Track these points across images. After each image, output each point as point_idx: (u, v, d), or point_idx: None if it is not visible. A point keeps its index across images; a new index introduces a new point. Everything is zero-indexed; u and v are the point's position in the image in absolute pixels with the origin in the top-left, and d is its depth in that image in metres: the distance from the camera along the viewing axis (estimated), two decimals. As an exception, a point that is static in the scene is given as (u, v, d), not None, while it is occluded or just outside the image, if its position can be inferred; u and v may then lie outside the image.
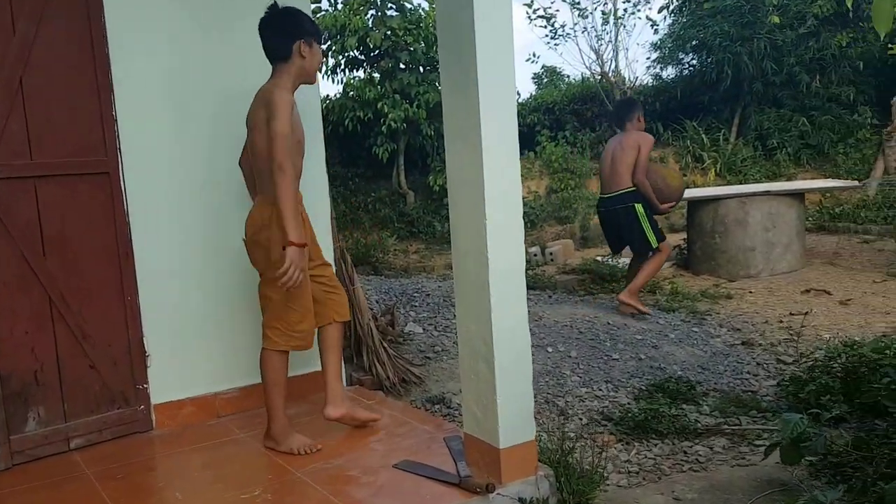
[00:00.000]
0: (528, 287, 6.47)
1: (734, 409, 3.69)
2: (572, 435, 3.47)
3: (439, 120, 3.31)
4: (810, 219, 8.64)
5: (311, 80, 2.98)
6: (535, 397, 3.94)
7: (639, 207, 5.48)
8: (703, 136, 11.48)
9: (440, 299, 5.76)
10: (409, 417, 3.24)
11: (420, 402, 3.91)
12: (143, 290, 3.22)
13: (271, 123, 2.66)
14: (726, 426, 3.50)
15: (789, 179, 10.36)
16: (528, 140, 12.12)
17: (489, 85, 2.39)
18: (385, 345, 4.05)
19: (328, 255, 3.47)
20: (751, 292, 6.29)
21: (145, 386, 3.23)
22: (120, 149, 3.14)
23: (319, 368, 3.13)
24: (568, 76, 16.47)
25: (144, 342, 3.22)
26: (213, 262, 3.39)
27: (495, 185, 2.44)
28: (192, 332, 3.34)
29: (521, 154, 12.06)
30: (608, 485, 2.84)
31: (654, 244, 5.53)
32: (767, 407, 3.69)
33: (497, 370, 2.50)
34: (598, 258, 7.71)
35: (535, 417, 3.69)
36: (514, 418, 2.54)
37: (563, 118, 12.47)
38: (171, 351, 3.29)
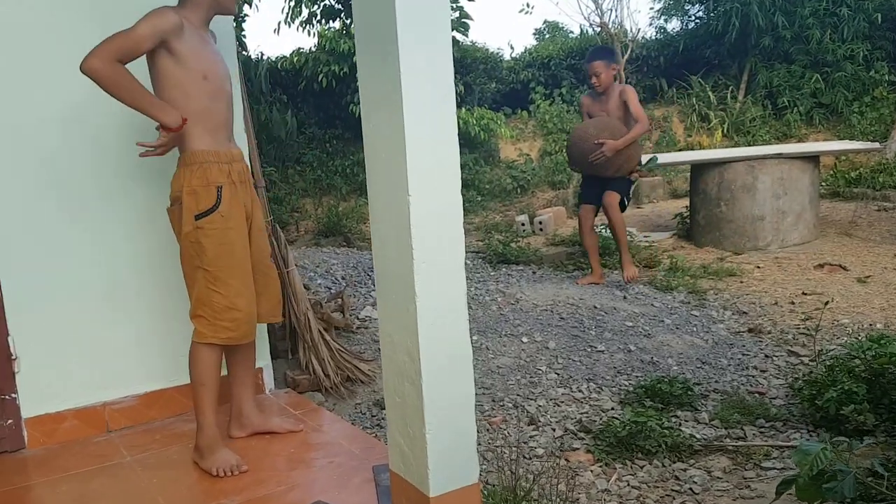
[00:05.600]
0: (511, 262, 5.94)
1: (738, 416, 3.08)
2: (541, 452, 2.87)
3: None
4: (824, 184, 7.95)
5: (228, 11, 2.48)
6: (502, 401, 3.36)
7: None
8: (710, 93, 10.72)
9: (410, 276, 5.13)
10: (337, 434, 2.63)
11: (366, 405, 3.32)
12: (6, 280, 2.59)
13: None
14: (728, 440, 2.90)
15: (801, 141, 9.64)
16: (521, 98, 11.35)
17: (412, 37, 1.76)
18: (327, 337, 3.43)
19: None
20: (759, 267, 5.64)
21: (13, 396, 2.63)
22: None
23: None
24: (571, 31, 15.59)
25: (10, 343, 2.61)
26: (92, 242, 2.75)
27: (420, 161, 1.80)
28: (72, 329, 2.71)
29: (514, 113, 11.29)
30: (577, 532, 2.24)
31: None
32: (777, 415, 3.08)
33: (425, 394, 1.88)
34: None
35: (500, 427, 3.12)
36: (449, 457, 1.93)
37: (560, 74, 11.66)
38: (46, 352, 2.67)
